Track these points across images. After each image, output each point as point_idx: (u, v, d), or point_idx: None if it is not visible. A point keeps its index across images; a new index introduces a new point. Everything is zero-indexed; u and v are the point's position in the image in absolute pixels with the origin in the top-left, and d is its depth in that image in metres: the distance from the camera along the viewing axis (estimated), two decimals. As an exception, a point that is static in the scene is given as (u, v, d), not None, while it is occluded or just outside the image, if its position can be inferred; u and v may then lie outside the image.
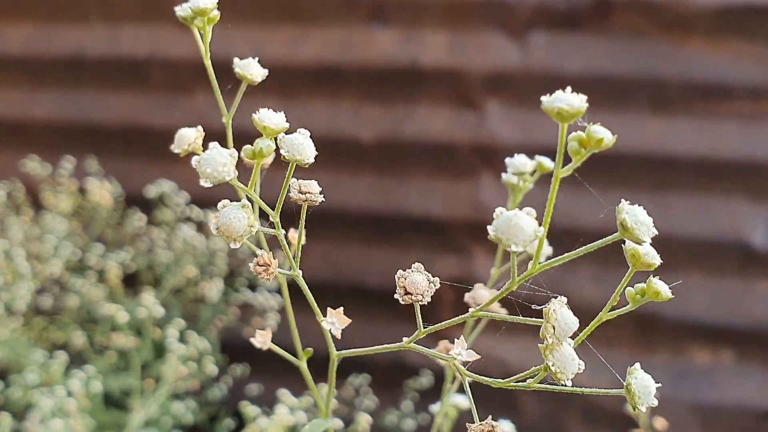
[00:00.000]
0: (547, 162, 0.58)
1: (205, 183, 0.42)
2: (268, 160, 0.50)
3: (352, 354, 0.51)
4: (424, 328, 0.46)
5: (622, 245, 0.41)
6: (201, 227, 1.48)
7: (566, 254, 0.41)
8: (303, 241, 0.48)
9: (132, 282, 1.48)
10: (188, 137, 0.48)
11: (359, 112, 1.48)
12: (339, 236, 1.51)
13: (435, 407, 0.68)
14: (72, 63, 1.64)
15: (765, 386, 1.31)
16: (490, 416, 0.44)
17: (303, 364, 0.55)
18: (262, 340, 0.51)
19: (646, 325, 1.36)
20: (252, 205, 0.44)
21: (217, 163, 0.42)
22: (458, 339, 0.45)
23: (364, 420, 1.01)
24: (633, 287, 0.44)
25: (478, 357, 0.45)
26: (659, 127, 1.35)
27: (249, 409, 0.93)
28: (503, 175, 0.60)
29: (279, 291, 1.39)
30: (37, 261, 1.41)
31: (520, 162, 0.59)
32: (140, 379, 1.25)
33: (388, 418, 1.39)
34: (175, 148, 0.49)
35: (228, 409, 1.43)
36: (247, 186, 0.45)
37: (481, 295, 0.57)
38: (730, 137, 1.32)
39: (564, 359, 0.40)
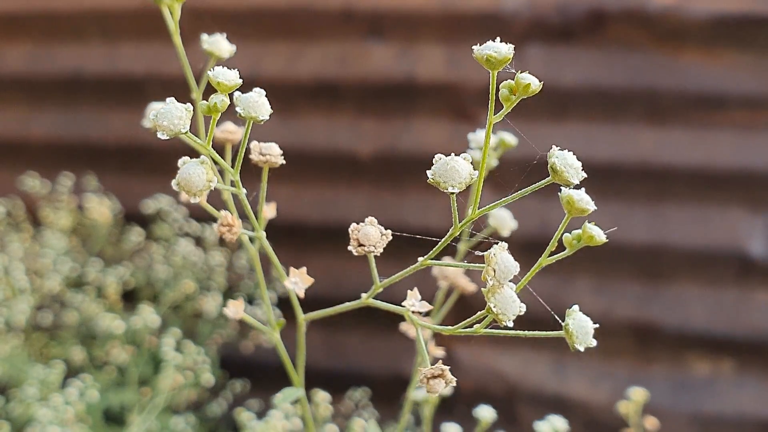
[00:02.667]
0: (508, 138, 0.60)
1: (161, 135, 0.42)
2: (238, 136, 0.50)
3: (317, 316, 0.52)
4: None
5: (559, 194, 0.42)
6: (199, 242, 1.48)
7: (509, 197, 0.42)
8: (273, 213, 0.49)
9: (131, 298, 1.48)
10: None
11: (357, 126, 1.49)
12: (338, 250, 1.51)
13: (418, 394, 0.69)
14: (70, 81, 1.65)
15: (765, 396, 1.31)
16: (441, 360, 0.45)
17: (276, 335, 0.55)
18: (234, 310, 0.52)
19: (645, 336, 1.36)
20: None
21: (173, 116, 0.42)
22: (411, 291, 0.46)
23: (358, 425, 1.01)
24: (570, 233, 0.45)
25: (431, 307, 0.46)
26: (655, 138, 1.35)
27: (244, 415, 0.93)
28: (468, 151, 0.61)
29: (278, 305, 1.40)
30: (37, 276, 1.42)
31: (482, 137, 0.61)
32: (139, 394, 1.25)
33: (388, 431, 1.39)
34: (146, 122, 0.49)
35: (228, 425, 1.43)
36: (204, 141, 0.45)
37: (448, 268, 0.59)
38: (726, 147, 1.33)
39: (505, 301, 0.42)
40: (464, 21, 1.42)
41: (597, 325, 0.43)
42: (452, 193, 0.41)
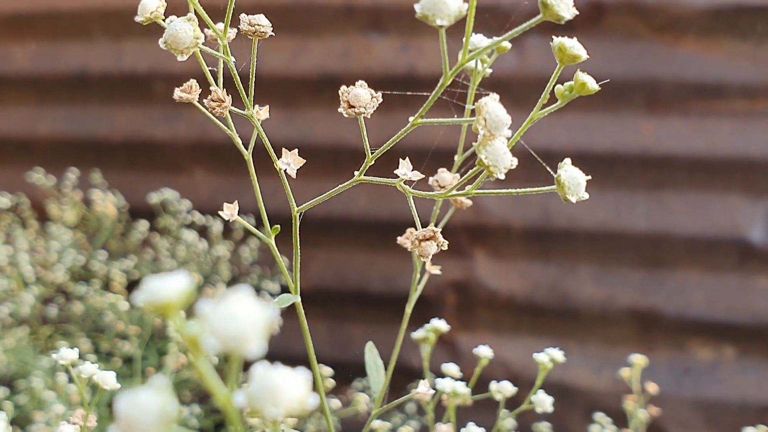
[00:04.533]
0: (505, 43, 0.59)
1: None
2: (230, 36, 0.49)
3: (310, 206, 0.51)
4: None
5: (551, 43, 0.41)
6: (203, 233, 1.49)
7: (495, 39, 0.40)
8: (266, 114, 0.48)
9: (136, 290, 1.49)
10: (150, 6, 0.49)
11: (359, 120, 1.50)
12: (341, 243, 1.52)
13: (417, 334, 0.68)
14: (76, 79, 1.67)
15: (767, 381, 1.31)
16: (434, 225, 0.44)
17: (271, 241, 0.55)
18: (229, 213, 0.51)
19: (647, 322, 1.37)
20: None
21: None
22: (403, 160, 0.45)
23: (362, 399, 1.02)
24: (562, 85, 0.44)
25: (422, 176, 0.44)
26: (655, 127, 1.36)
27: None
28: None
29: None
30: (43, 269, 1.43)
31: (477, 39, 0.58)
32: (144, 384, 1.26)
33: (393, 420, 1.39)
34: (138, 16, 0.49)
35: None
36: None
37: (444, 177, 0.58)
38: (725, 135, 1.34)
39: (496, 153, 0.41)
40: (465, 14, 1.44)
41: (589, 177, 0.42)
42: (441, 26, 0.39)
